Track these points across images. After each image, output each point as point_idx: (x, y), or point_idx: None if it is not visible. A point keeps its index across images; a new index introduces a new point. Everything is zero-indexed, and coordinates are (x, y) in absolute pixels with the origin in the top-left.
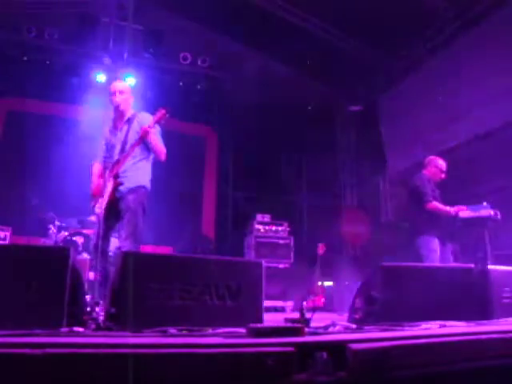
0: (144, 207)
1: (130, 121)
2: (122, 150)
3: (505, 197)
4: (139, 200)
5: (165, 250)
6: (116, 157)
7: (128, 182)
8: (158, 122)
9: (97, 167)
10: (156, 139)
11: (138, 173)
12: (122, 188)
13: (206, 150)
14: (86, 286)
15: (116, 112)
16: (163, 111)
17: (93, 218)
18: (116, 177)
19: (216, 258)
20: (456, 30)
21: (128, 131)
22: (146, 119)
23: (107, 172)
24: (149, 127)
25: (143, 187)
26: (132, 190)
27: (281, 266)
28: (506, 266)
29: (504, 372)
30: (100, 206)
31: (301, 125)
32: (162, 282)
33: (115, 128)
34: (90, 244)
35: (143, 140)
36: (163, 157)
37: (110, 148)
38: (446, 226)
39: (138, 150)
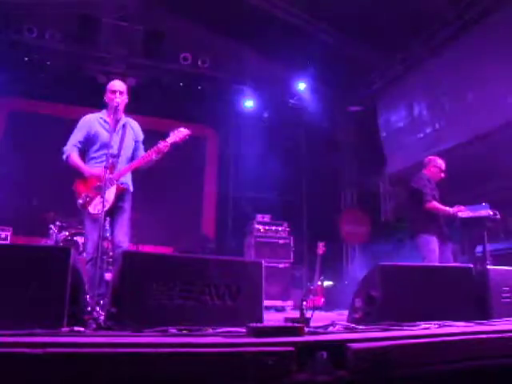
0: None
1: (125, 126)
2: (118, 153)
3: (505, 197)
4: (132, 203)
5: (165, 249)
6: (108, 157)
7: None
8: (177, 142)
9: (77, 157)
10: None
11: (130, 178)
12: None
13: (207, 151)
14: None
15: (114, 112)
16: (185, 133)
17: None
18: (117, 181)
19: (216, 258)
20: (455, 30)
21: (124, 136)
22: (139, 128)
23: (96, 170)
24: (170, 145)
25: (132, 191)
26: (127, 194)
27: (281, 265)
28: (506, 266)
29: (503, 372)
30: (98, 209)
31: (300, 125)
32: (162, 282)
33: (112, 128)
34: (87, 244)
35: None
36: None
37: (98, 143)
38: (445, 226)
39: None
